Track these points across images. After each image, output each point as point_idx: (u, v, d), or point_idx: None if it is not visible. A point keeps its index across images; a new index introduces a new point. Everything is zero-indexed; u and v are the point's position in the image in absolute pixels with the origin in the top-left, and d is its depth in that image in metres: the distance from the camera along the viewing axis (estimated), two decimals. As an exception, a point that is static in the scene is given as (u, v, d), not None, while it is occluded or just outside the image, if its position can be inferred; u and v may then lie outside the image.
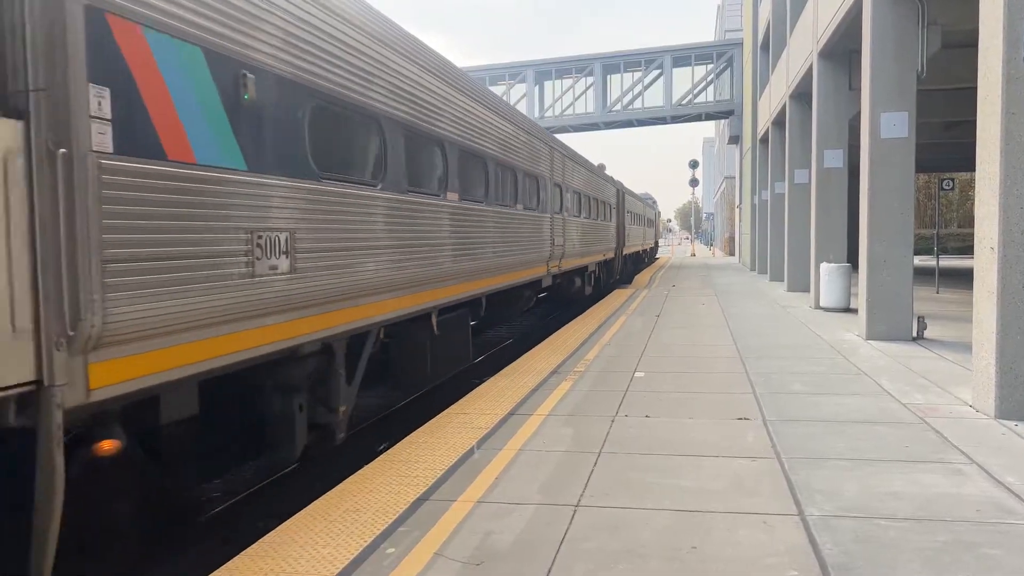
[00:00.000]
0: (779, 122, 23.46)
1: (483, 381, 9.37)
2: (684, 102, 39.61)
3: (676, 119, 40.93)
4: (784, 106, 21.14)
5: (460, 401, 7.81)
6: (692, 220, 76.75)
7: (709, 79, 39.85)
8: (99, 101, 3.60)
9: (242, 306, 4.65)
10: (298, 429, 5.70)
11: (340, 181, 5.97)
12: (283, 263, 5.10)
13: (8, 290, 3.22)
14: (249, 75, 4.76)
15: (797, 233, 19.98)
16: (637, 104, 40.48)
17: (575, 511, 4.59)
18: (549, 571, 3.78)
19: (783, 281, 21.61)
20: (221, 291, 4.45)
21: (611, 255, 23.53)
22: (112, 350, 3.70)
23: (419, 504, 4.78)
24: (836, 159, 15.89)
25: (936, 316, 13.76)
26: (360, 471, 5.52)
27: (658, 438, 6.19)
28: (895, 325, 11.27)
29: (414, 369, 8.39)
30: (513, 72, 42.43)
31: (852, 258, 15.92)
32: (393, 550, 4.09)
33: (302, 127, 5.41)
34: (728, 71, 39.69)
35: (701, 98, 39.98)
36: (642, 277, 29.96)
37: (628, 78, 40.63)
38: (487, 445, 6.08)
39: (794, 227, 20.19)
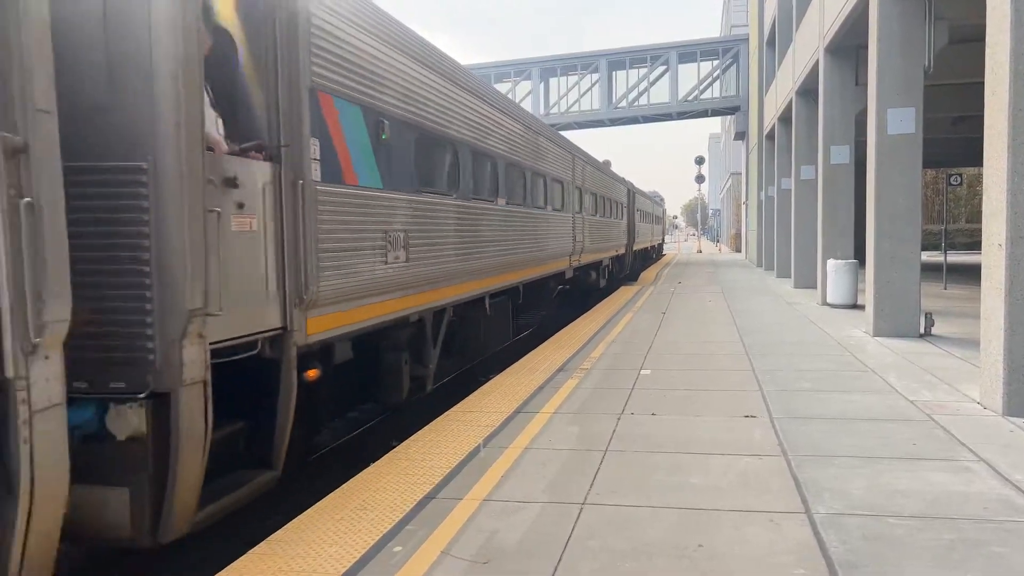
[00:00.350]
0: (785, 118, 23.38)
1: (489, 379, 9.38)
2: (690, 98, 39.53)
3: (682, 115, 40.85)
4: (790, 102, 21.07)
5: (466, 399, 7.82)
6: (698, 216, 76.61)
7: (715, 75, 39.76)
8: (314, 148, 5.50)
9: (380, 285, 6.59)
10: (404, 378, 7.57)
11: (431, 192, 7.91)
12: (402, 254, 7.06)
13: (265, 270, 4.94)
14: (384, 121, 6.71)
15: (804, 229, 19.92)
16: (643, 100, 40.43)
17: (581, 509, 4.59)
18: (556, 569, 3.79)
19: (790, 277, 21.56)
20: (370, 273, 6.39)
21: (622, 251, 25.13)
22: (319, 310, 5.56)
23: (426, 502, 4.79)
24: (843, 155, 15.83)
25: (944, 312, 13.70)
26: (367, 469, 5.53)
27: (664, 436, 6.18)
28: (902, 321, 11.24)
29: (473, 342, 10.28)
30: (519, 69, 42.41)
31: (859, 254, 15.88)
32: (400, 548, 4.09)
33: (410, 154, 7.34)
34: (734, 67, 39.58)
35: (707, 94, 39.90)
36: (648, 274, 29.91)
37: (634, 74, 40.57)
38: (493, 443, 6.09)
39: (800, 223, 20.13)
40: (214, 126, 4.60)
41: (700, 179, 56.53)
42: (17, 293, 3.21)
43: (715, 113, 43.00)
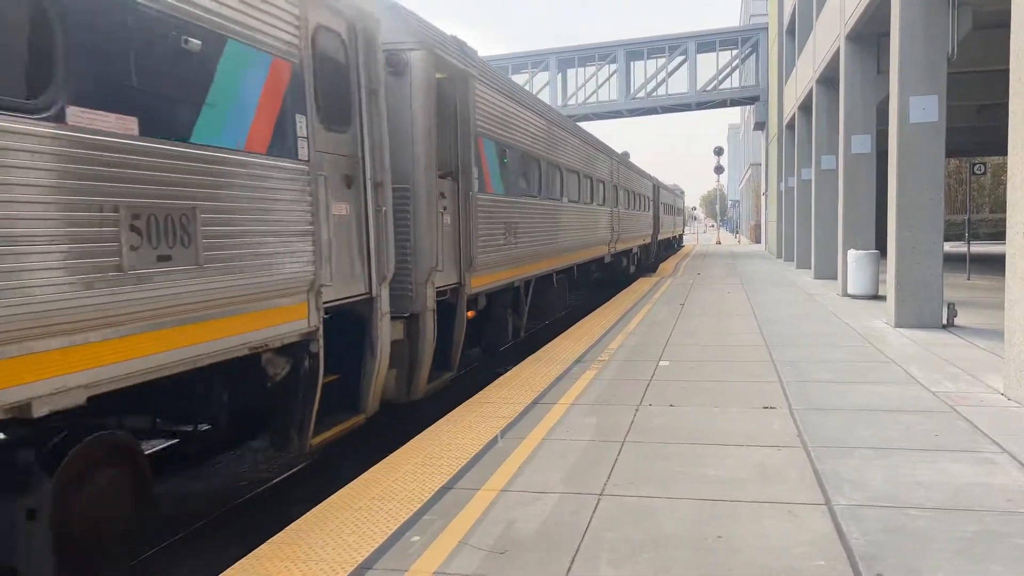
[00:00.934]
0: (806, 107, 23.15)
1: (507, 370, 9.39)
2: (709, 88, 39.23)
3: (701, 105, 40.55)
4: (811, 91, 20.85)
5: (484, 390, 7.83)
6: (717, 207, 76.07)
7: (734, 65, 39.42)
8: (476, 171, 8.70)
9: (502, 259, 9.89)
10: (510, 327, 11.02)
11: (526, 195, 11.30)
12: (512, 239, 10.30)
13: (453, 250, 8.17)
14: (505, 149, 10.13)
15: (824, 220, 19.74)
16: (661, 91, 40.16)
17: (599, 500, 4.59)
18: (573, 560, 3.79)
19: (810, 269, 21.38)
20: (498, 251, 9.67)
21: (648, 240, 28.72)
22: (476, 274, 8.81)
23: (444, 492, 4.80)
24: (864, 144, 15.65)
25: (967, 303, 13.54)
26: (385, 459, 5.56)
27: (683, 427, 6.16)
28: (924, 312, 11.11)
29: (544, 307, 13.40)
30: (536, 60, 42.27)
31: (880, 245, 15.71)
32: (418, 538, 4.11)
33: (516, 168, 10.67)
34: (753, 56, 39.21)
35: (726, 84, 39.57)
36: (667, 265, 29.78)
37: (652, 64, 40.30)
38: (511, 434, 6.09)
39: (821, 214, 19.95)
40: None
41: (719, 170, 56.19)
42: (377, 256, 6.46)
43: (734, 103, 42.65)
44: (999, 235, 42.71)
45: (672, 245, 43.01)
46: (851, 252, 15.23)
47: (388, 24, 6.96)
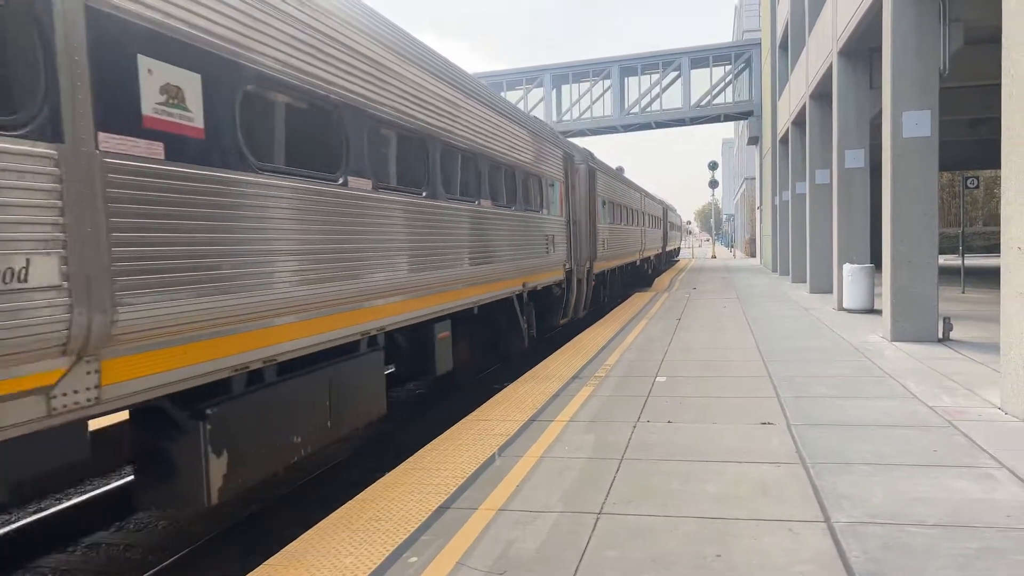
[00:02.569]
0: (799, 122, 23.27)
1: (503, 387, 9.36)
2: (703, 103, 39.43)
3: (695, 120, 40.74)
4: (804, 106, 20.97)
5: (481, 407, 7.80)
6: (712, 222, 76.25)
7: (728, 80, 39.65)
8: (596, 215, 18.01)
9: (610, 256, 19.77)
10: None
11: (620, 223, 21.93)
12: (611, 244, 20.26)
13: (590, 249, 16.84)
14: (608, 202, 20.11)
15: (819, 234, 19.80)
16: (655, 106, 40.35)
17: (598, 519, 4.56)
18: (572, 580, 3.75)
19: (805, 283, 21.41)
20: (606, 250, 19.29)
21: (660, 250, 38.13)
22: (599, 263, 18.20)
23: (441, 512, 4.77)
24: (857, 159, 15.73)
25: (962, 317, 13.56)
26: (382, 479, 5.52)
27: (681, 444, 6.14)
28: (920, 326, 11.12)
29: (611, 290, 21.91)
30: (531, 77, 42.46)
31: (875, 258, 15.75)
32: (416, 559, 4.07)
33: (611, 210, 20.33)
34: (747, 72, 39.45)
35: (720, 99, 39.78)
36: (662, 280, 29.81)
37: (646, 80, 40.52)
38: (508, 452, 6.06)
39: (816, 228, 20.01)
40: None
41: (714, 184, 56.34)
42: (574, 253, 15.11)
43: (728, 118, 42.84)
44: (993, 248, 42.83)
45: (672, 254, 51.83)
46: (846, 266, 15.26)
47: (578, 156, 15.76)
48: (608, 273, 20.64)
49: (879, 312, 14.03)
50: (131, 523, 6.67)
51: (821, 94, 19.20)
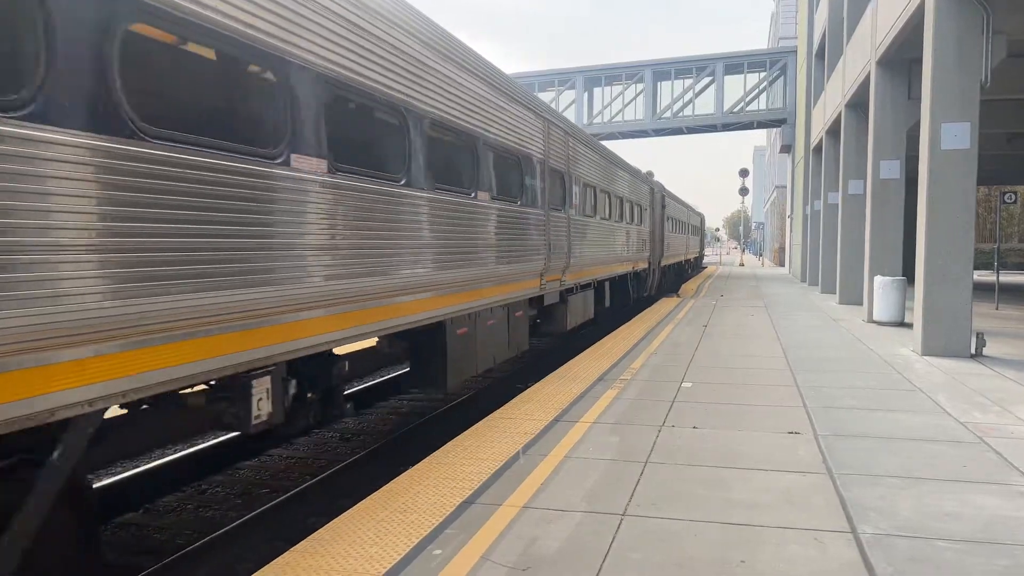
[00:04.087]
0: (834, 131, 23.03)
1: (527, 386, 9.37)
2: (736, 110, 39.14)
3: (727, 127, 40.44)
4: (839, 115, 20.75)
5: (505, 406, 7.82)
6: (741, 229, 75.62)
7: (762, 87, 39.31)
8: (666, 224, 26.38)
9: (667, 255, 25.68)
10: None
11: (676, 232, 29.96)
12: (669, 246, 26.30)
13: (649, 249, 21.78)
14: (670, 217, 27.78)
15: (850, 245, 19.59)
16: (687, 111, 40.12)
17: (621, 520, 4.56)
18: (595, 579, 3.76)
19: (835, 294, 21.19)
20: (666, 251, 25.96)
21: (697, 254, 45.02)
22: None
23: (465, 507, 4.80)
24: (893, 170, 15.54)
25: (996, 333, 13.34)
26: (407, 472, 5.57)
27: (706, 450, 6.12)
28: (952, 341, 10.97)
29: (687, 268, 36.46)
30: (563, 79, 42.42)
31: (907, 271, 15.55)
32: (440, 552, 4.11)
33: (673, 224, 29.07)
34: (781, 79, 39.09)
35: (753, 106, 39.44)
36: (689, 286, 29.65)
37: (679, 85, 40.29)
38: (532, 451, 6.08)
39: (847, 239, 19.79)
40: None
41: (744, 191, 55.92)
42: (652, 251, 21.69)
43: (761, 125, 42.48)
44: (1028, 265, 41.99)
45: (701, 259, 53.80)
46: (877, 278, 15.09)
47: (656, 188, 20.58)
48: (667, 267, 28.43)
49: (910, 325, 13.85)
50: (159, 506, 6.79)
51: (857, 103, 18.99)
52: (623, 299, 18.83)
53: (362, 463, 8.04)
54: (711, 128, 40.54)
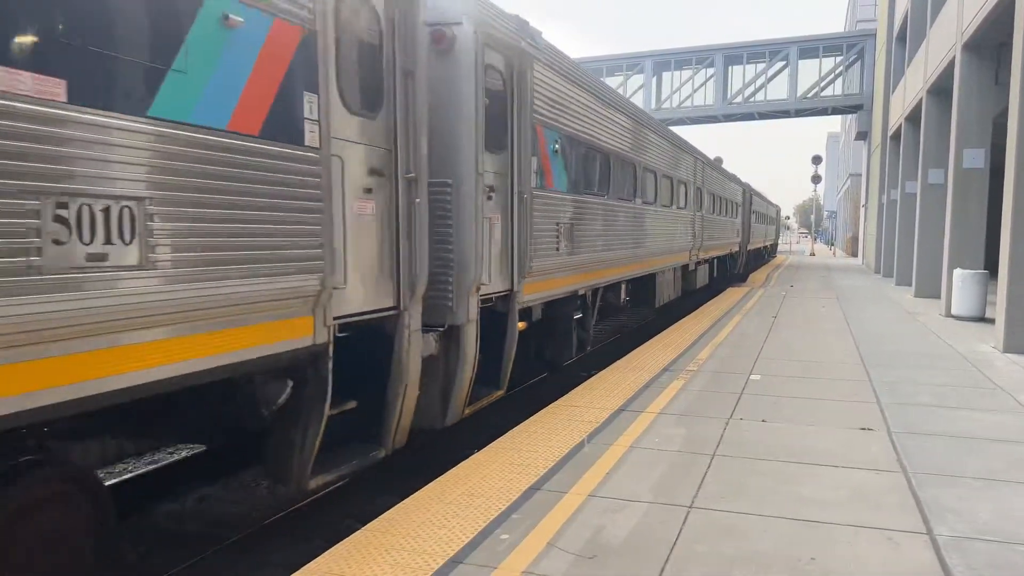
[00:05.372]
0: (913, 118, 22.20)
1: (591, 375, 9.37)
2: (810, 95, 38.08)
3: (800, 113, 39.44)
4: (920, 101, 19.98)
5: (569, 394, 7.85)
6: (812, 218, 73.74)
7: (837, 72, 38.13)
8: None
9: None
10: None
11: (753, 223, 32.12)
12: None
13: (740, 235, 27.31)
14: (752, 212, 32.10)
15: (928, 236, 18.90)
16: (759, 96, 39.22)
17: (688, 512, 4.55)
18: (663, 571, 3.77)
19: (910, 286, 20.51)
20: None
21: (772, 242, 49.16)
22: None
23: (531, 493, 4.85)
24: (977, 159, 14.90)
25: (1084, 331, 12.72)
26: (473, 456, 5.65)
27: (775, 444, 6.03)
28: (1038, 338, 10.51)
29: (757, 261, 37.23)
30: (631, 63, 41.94)
31: (988, 264, 14.94)
32: (507, 536, 4.17)
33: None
34: (858, 64, 37.84)
35: (828, 91, 38.33)
36: (758, 275, 29.09)
37: (751, 70, 39.40)
38: (597, 439, 6.10)
39: (925, 229, 19.10)
40: None
41: (816, 179, 54.48)
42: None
43: (836, 111, 41.29)
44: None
45: (775, 247, 56.47)
46: (957, 271, 14.54)
47: (744, 187, 18.71)
48: (751, 251, 32.56)
49: (991, 321, 13.33)
50: (235, 481, 7.04)
51: (940, 89, 18.25)
52: (723, 271, 25.32)
53: (427, 445, 8.18)
54: (784, 114, 39.60)
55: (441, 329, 6.49)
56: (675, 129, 25.13)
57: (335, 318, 4.89)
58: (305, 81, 4.49)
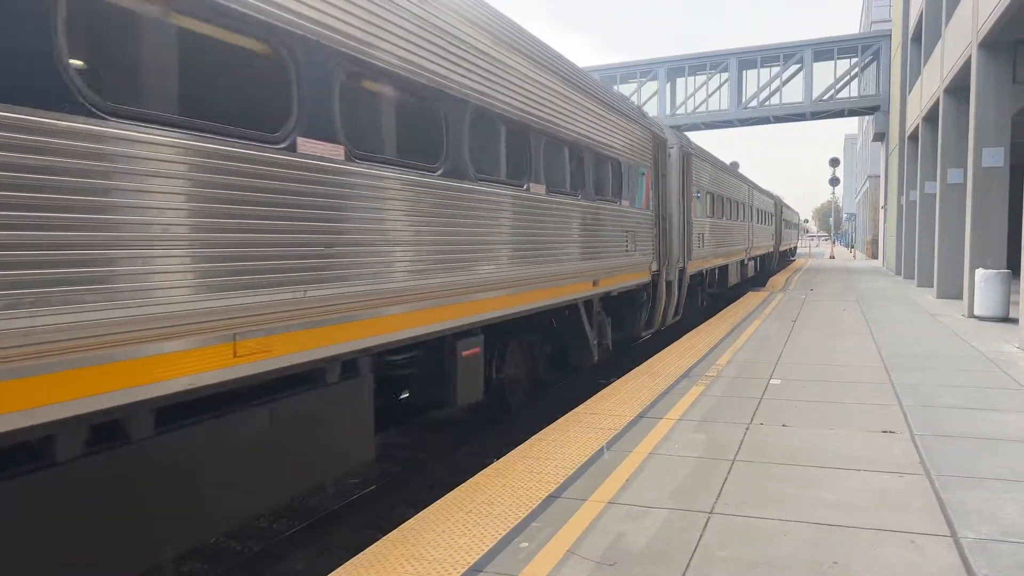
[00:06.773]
0: (931, 118, 22.03)
1: (609, 382, 9.36)
2: (825, 97, 37.87)
3: (816, 115, 39.18)
4: (937, 101, 19.84)
5: (588, 401, 7.84)
6: (831, 220, 73.18)
7: (853, 73, 37.89)
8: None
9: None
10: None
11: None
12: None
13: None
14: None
15: (949, 236, 18.71)
16: (774, 100, 39.04)
17: (709, 518, 4.53)
18: (683, 576, 3.76)
19: (932, 287, 20.30)
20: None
21: (772, 248, 41.99)
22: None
23: (551, 501, 4.86)
24: (996, 158, 14.77)
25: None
26: (493, 465, 5.67)
27: (796, 448, 6.00)
28: (1062, 338, 10.37)
29: (769, 265, 35.86)
30: (645, 70, 41.92)
31: (1011, 264, 14.79)
32: (527, 544, 4.18)
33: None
34: (874, 65, 37.59)
35: (844, 93, 38.06)
36: (777, 280, 28.93)
37: (765, 73, 39.24)
38: (617, 447, 6.09)
39: (946, 230, 18.92)
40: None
41: (834, 181, 54.13)
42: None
43: (852, 113, 40.97)
44: None
45: (784, 258, 54.94)
46: (979, 271, 14.39)
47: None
48: (782, 252, 37.85)
49: (1015, 321, 13.18)
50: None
51: (957, 88, 18.11)
52: (763, 268, 31.21)
53: (449, 454, 8.20)
54: (799, 117, 39.36)
55: (668, 281, 13.08)
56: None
57: (652, 272, 12.06)
58: (653, 188, 11.96)
